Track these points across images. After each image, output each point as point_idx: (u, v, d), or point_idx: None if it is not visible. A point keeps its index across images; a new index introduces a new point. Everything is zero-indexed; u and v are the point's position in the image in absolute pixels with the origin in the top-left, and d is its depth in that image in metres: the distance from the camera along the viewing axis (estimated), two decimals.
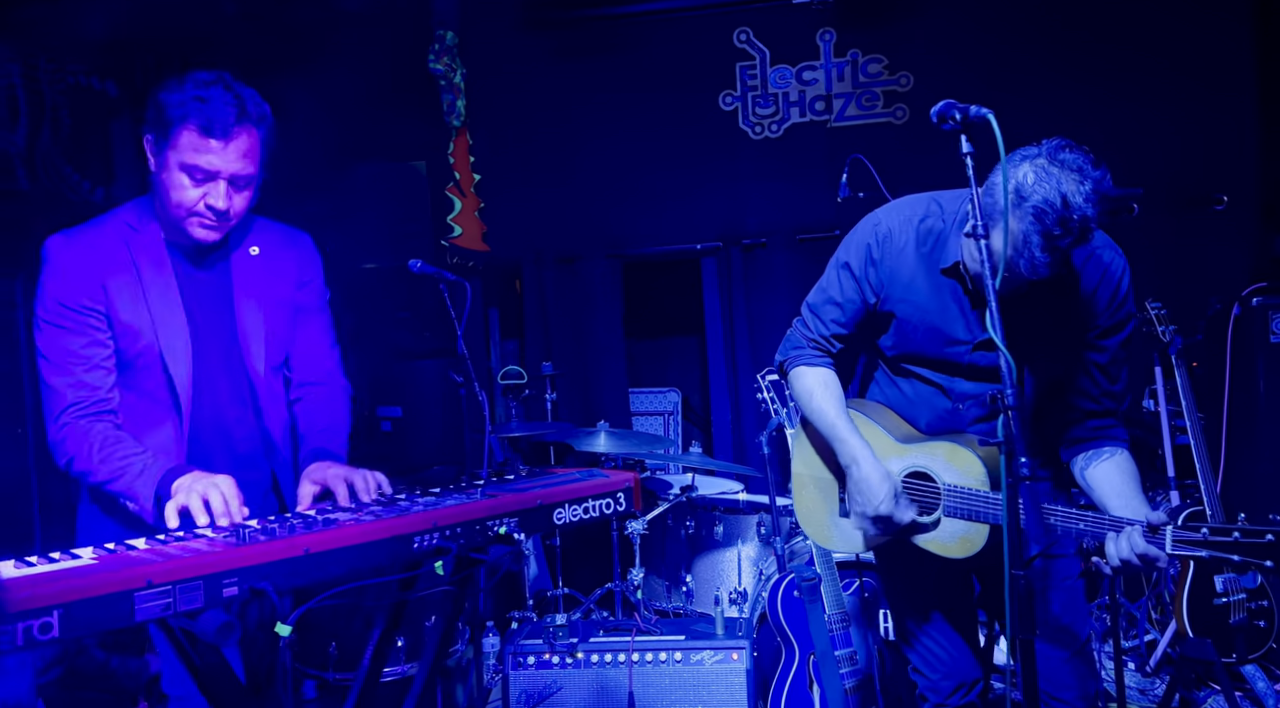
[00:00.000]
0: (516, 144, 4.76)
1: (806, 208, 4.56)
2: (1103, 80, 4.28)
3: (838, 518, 2.10)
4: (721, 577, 3.56)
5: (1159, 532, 1.71)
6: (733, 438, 4.75)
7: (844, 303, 2.07)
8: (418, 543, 1.67)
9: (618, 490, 2.03)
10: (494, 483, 2.02)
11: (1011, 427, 1.54)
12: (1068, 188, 1.68)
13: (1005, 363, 1.58)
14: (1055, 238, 1.69)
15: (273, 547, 1.49)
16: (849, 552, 2.11)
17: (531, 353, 4.80)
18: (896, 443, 2.02)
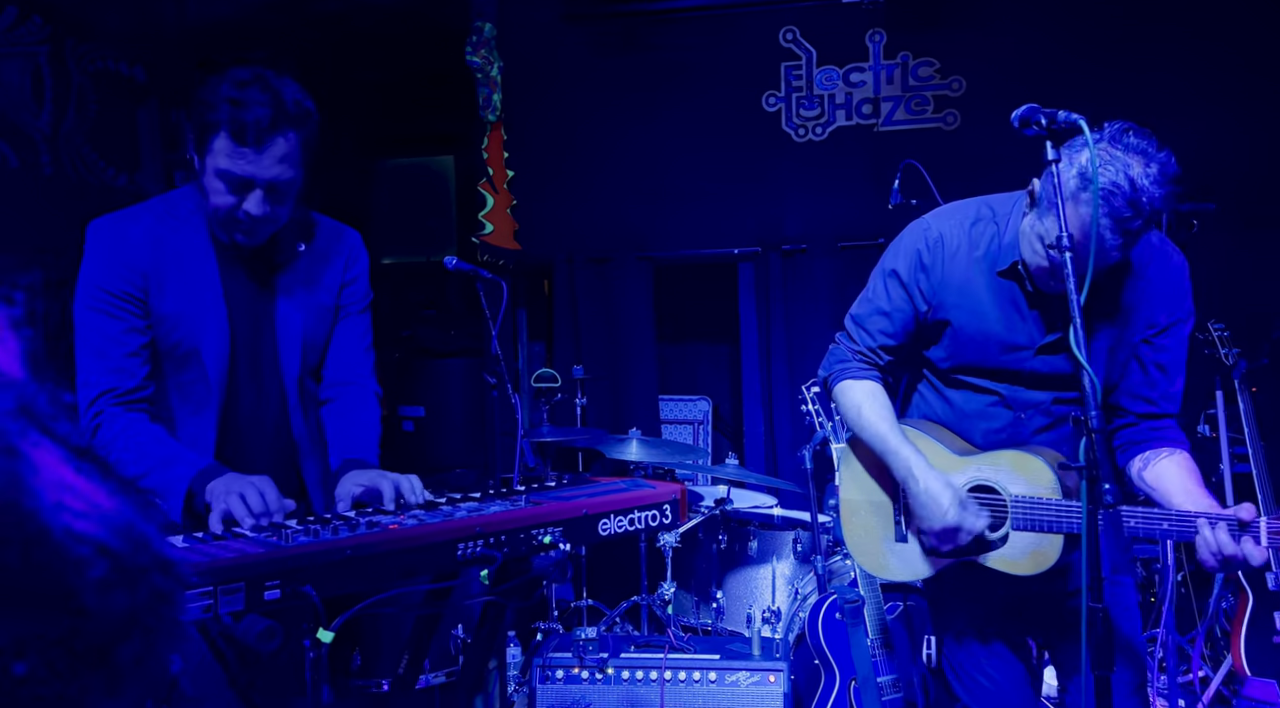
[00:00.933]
0: (551, 141, 4.75)
1: (849, 214, 4.52)
2: (1166, 87, 4.20)
3: (893, 544, 2.04)
4: (754, 594, 3.52)
5: (1249, 526, 1.64)
6: (765, 450, 4.70)
7: (892, 312, 2.03)
8: (461, 550, 1.64)
9: (664, 502, 2.00)
10: (537, 490, 1.99)
11: (1095, 451, 1.50)
12: (1134, 170, 1.67)
13: (1089, 381, 1.54)
14: (1125, 220, 1.67)
15: (315, 548, 1.47)
16: (909, 579, 2.04)
17: (560, 356, 4.78)
18: (955, 456, 1.96)
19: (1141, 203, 1.67)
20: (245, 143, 1.76)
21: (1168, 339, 1.90)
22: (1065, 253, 1.61)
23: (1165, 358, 1.91)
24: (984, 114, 4.38)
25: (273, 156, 1.79)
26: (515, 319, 5.13)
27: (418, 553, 1.59)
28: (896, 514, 2.03)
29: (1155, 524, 1.72)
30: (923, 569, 1.99)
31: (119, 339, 1.83)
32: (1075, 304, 1.58)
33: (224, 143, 1.77)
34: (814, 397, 2.99)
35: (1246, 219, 4.13)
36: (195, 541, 1.51)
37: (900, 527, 2.02)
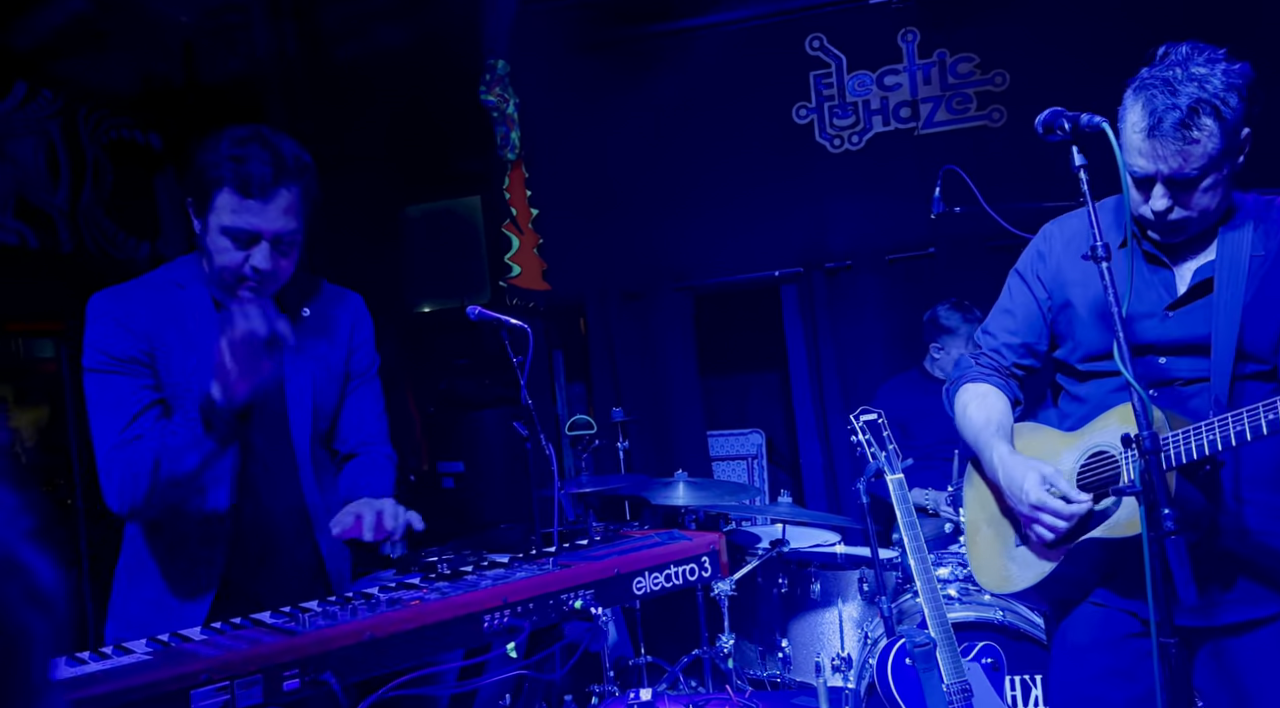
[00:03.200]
0: (575, 174, 4.83)
1: (895, 225, 4.49)
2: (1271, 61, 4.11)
3: (1013, 550, 2.01)
4: (821, 641, 3.47)
5: None
6: (825, 483, 4.66)
7: (1014, 308, 2.06)
8: (488, 622, 1.66)
9: (701, 555, 2.00)
10: (567, 551, 2.01)
11: (1151, 473, 1.47)
12: (1172, 71, 1.72)
13: (1139, 400, 1.51)
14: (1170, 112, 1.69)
15: (334, 633, 1.50)
16: (1032, 582, 1.98)
17: (600, 397, 4.81)
18: (1066, 435, 1.96)
19: (1175, 83, 1.70)
20: (250, 195, 1.85)
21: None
22: (1101, 262, 1.59)
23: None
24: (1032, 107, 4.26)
25: (277, 209, 1.88)
26: (551, 362, 5.19)
27: (442, 628, 1.61)
28: (1013, 524, 2.02)
29: (1257, 418, 1.60)
30: (1046, 565, 1.93)
31: (129, 396, 1.89)
32: (1118, 317, 1.55)
33: (228, 198, 1.86)
34: (864, 425, 2.96)
35: None
36: (212, 632, 1.55)
37: (1018, 531, 2.00)
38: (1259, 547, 1.83)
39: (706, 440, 4.84)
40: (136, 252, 4.83)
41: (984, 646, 2.85)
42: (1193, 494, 1.76)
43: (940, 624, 2.76)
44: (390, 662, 1.55)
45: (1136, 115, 1.75)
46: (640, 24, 4.69)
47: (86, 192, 4.58)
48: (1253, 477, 1.83)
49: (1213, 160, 1.72)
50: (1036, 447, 1.98)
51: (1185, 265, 1.87)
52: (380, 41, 4.87)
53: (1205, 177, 1.73)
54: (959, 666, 2.72)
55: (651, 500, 3.65)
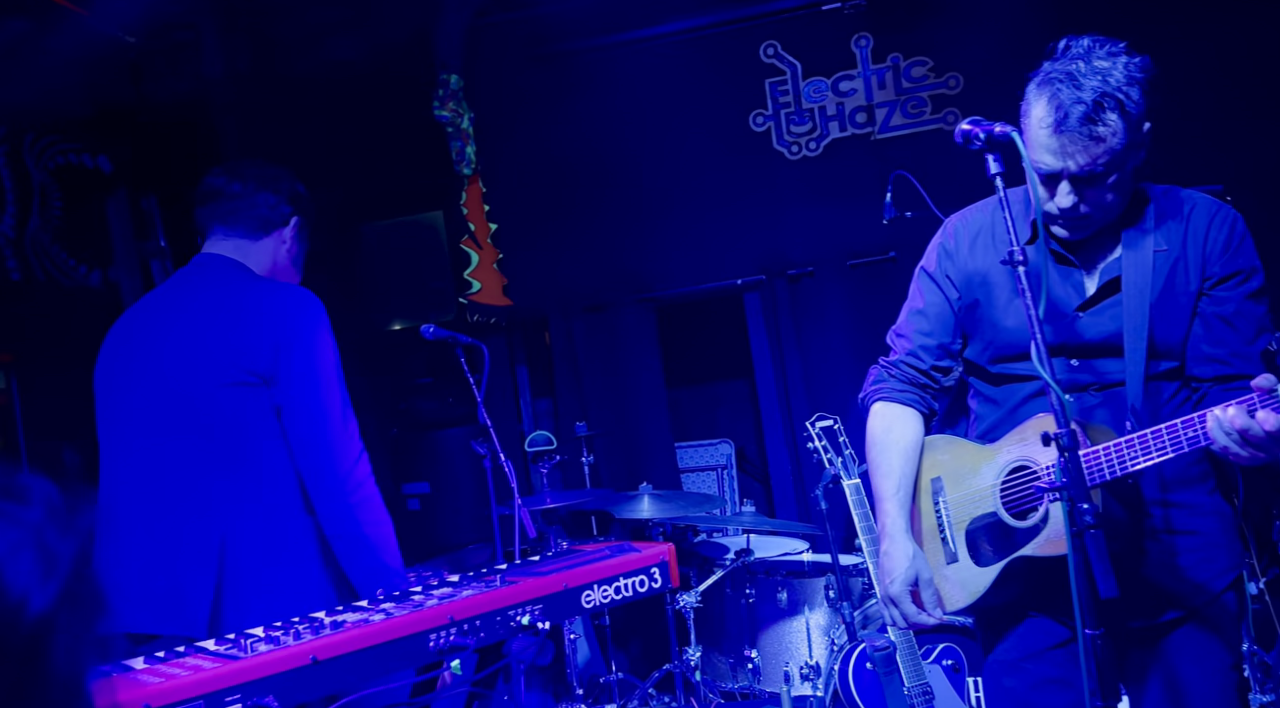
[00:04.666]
0: (533, 188, 4.89)
1: (855, 230, 4.58)
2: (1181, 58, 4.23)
3: (945, 568, 2.02)
4: (790, 650, 3.54)
5: (1271, 395, 1.58)
6: (795, 491, 4.73)
7: (926, 309, 2.08)
8: (434, 641, 1.72)
9: (651, 566, 2.06)
10: (516, 567, 2.07)
11: (1072, 470, 1.55)
12: (1075, 65, 1.75)
13: (1057, 399, 1.59)
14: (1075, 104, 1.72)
15: (277, 657, 1.56)
16: (969, 603, 2.00)
17: (566, 412, 4.87)
18: (984, 446, 1.97)
19: (1079, 77, 1.73)
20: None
21: (1229, 292, 1.86)
22: (1019, 267, 1.67)
23: (1230, 310, 1.86)
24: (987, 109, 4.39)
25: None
26: (516, 378, 5.24)
27: (387, 649, 1.67)
28: (942, 531, 2.01)
29: (1177, 435, 1.66)
30: (980, 584, 1.94)
31: None
32: (1035, 320, 1.63)
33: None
34: (820, 432, 3.04)
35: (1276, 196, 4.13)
36: (154, 659, 1.60)
37: (950, 545, 2.00)
38: (1184, 545, 1.90)
39: (674, 452, 4.91)
40: (87, 279, 4.84)
41: (944, 647, 2.93)
42: (1116, 508, 1.81)
43: (901, 628, 2.84)
44: (335, 684, 1.61)
45: (1042, 110, 1.78)
46: (593, 35, 4.77)
47: (34, 218, 4.59)
48: (1175, 479, 1.90)
49: (1117, 156, 1.75)
50: (954, 461, 2.02)
51: (1092, 264, 1.92)
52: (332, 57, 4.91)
53: (1110, 173, 1.77)
54: (920, 668, 2.80)
55: (616, 515, 3.71)
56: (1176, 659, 1.91)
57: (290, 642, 1.60)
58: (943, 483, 2.04)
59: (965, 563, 1.97)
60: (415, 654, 1.70)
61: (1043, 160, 1.80)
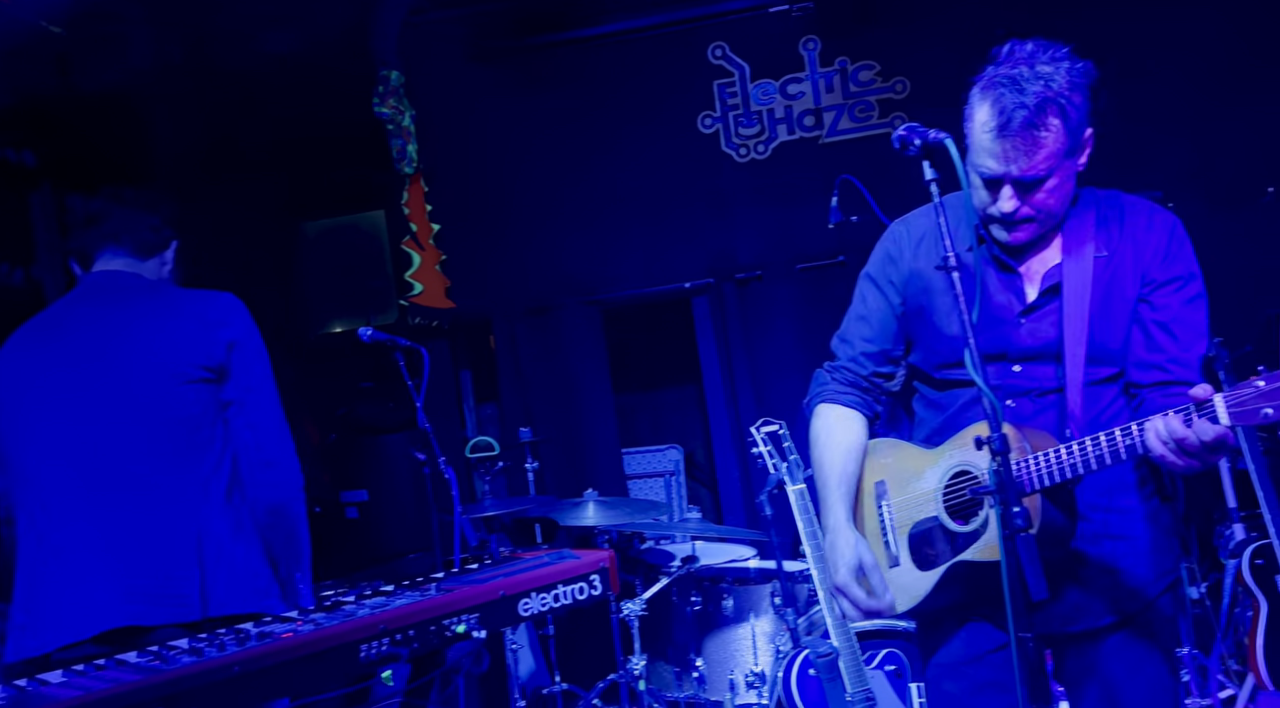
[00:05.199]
0: (477, 188, 4.88)
1: (803, 234, 4.64)
2: (1122, 63, 4.36)
3: (886, 570, 2.05)
4: (735, 658, 3.57)
5: (1207, 405, 1.61)
6: (743, 497, 4.78)
7: (868, 314, 2.11)
8: (364, 652, 1.71)
9: (590, 573, 2.07)
10: (453, 575, 2.07)
11: (1004, 473, 1.59)
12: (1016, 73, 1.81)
13: (990, 405, 1.63)
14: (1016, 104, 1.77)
15: (199, 669, 1.54)
16: (908, 607, 2.03)
17: (510, 417, 4.87)
18: (926, 450, 2.01)
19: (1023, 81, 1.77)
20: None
21: (1168, 298, 1.89)
22: (953, 272, 1.71)
23: (1168, 317, 1.89)
24: (933, 114, 4.48)
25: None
26: (459, 382, 5.22)
27: (315, 660, 1.66)
28: (885, 535, 2.05)
29: (1115, 443, 1.70)
30: (922, 588, 1.98)
31: None
32: (968, 326, 1.67)
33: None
34: (766, 437, 3.07)
35: (1221, 194, 4.27)
36: (72, 674, 1.58)
37: (891, 549, 2.03)
38: (1121, 551, 1.95)
39: (621, 458, 4.92)
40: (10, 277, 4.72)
41: (887, 653, 2.98)
42: (1055, 513, 1.85)
43: (843, 634, 2.88)
44: (261, 696, 1.60)
45: (985, 115, 1.82)
46: (538, 33, 4.78)
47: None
48: (1113, 485, 1.94)
49: (1059, 160, 1.80)
50: (897, 465, 2.05)
51: (1033, 270, 1.96)
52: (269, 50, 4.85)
53: (1052, 177, 1.82)
54: (862, 674, 2.85)
55: (561, 522, 3.71)
56: (1113, 664, 1.96)
57: (214, 653, 1.59)
58: (886, 487, 2.07)
59: (907, 567, 2.01)
60: (345, 665, 1.70)
61: (985, 164, 1.85)
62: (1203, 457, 1.64)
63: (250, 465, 2.29)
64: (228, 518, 2.22)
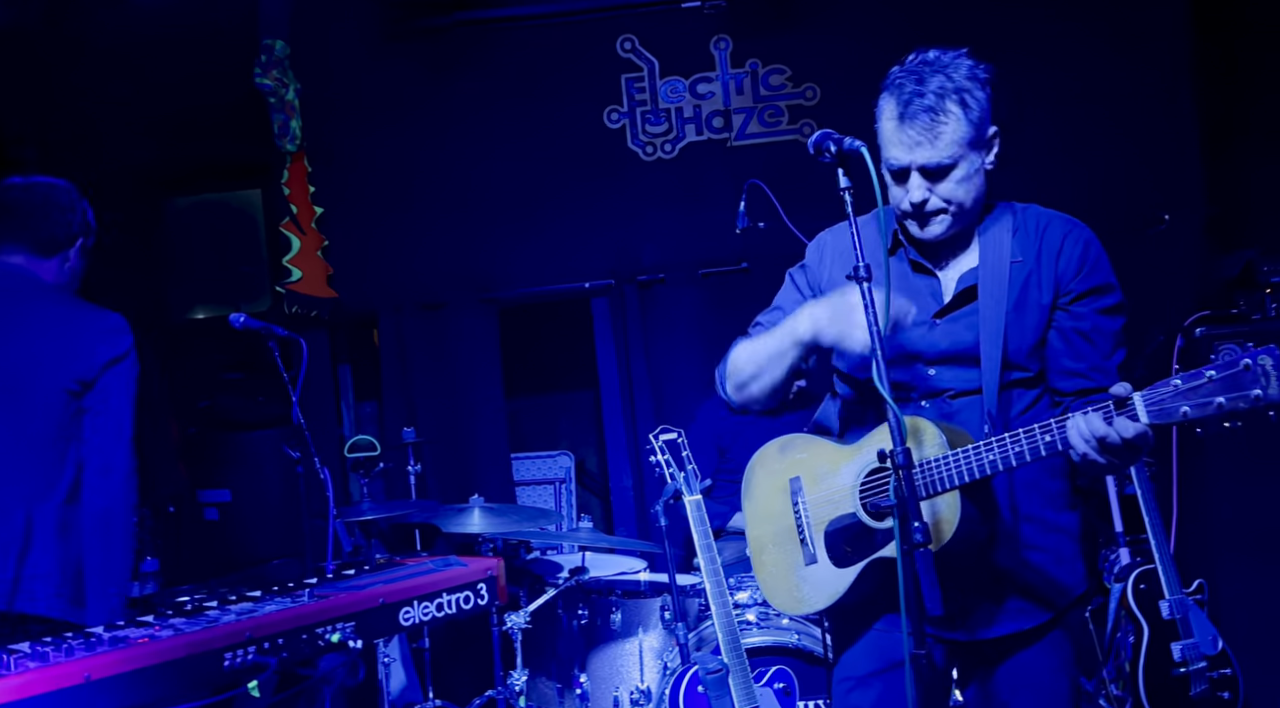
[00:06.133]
0: (366, 171, 4.79)
1: (709, 238, 4.70)
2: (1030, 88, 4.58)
3: (804, 570, 2.11)
4: (621, 674, 3.59)
5: (1127, 404, 1.70)
6: (635, 507, 4.81)
7: (785, 306, 2.21)
8: (229, 660, 1.67)
9: (477, 582, 2.07)
10: (328, 581, 2.03)
11: (905, 488, 1.65)
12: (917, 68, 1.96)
13: (894, 416, 1.69)
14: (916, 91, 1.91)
15: (45, 675, 1.47)
16: (825, 605, 2.09)
17: (392, 417, 4.79)
18: (842, 447, 2.09)
19: (923, 73, 1.93)
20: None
21: (1086, 307, 2.00)
22: (863, 283, 1.77)
23: (1087, 326, 1.99)
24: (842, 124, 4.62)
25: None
26: (338, 377, 5.11)
27: (174, 668, 1.61)
28: (801, 532, 2.11)
29: (1035, 440, 1.78)
30: (840, 586, 2.04)
31: None
32: (875, 338, 1.74)
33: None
34: (663, 445, 3.11)
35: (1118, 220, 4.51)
36: None
37: (809, 547, 2.09)
38: (1031, 562, 2.05)
39: (510, 463, 4.90)
40: None
41: (777, 670, 3.05)
42: (972, 511, 1.94)
43: (734, 650, 2.94)
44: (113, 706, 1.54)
45: (889, 107, 1.98)
46: (441, 12, 4.73)
47: None
48: (1028, 493, 2.05)
49: (962, 148, 1.94)
50: (813, 461, 2.12)
51: (949, 272, 2.08)
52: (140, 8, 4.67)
53: (958, 166, 1.95)
54: (751, 691, 2.90)
55: (444, 528, 3.67)
56: (1018, 674, 2.06)
57: (61, 659, 1.53)
58: (801, 483, 2.14)
59: (824, 564, 2.07)
60: (207, 674, 1.65)
61: (893, 155, 1.97)
62: (1123, 455, 1.74)
63: (90, 470, 2.47)
64: (60, 520, 2.41)
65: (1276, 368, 1.61)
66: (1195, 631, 3.35)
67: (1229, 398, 1.62)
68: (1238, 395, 1.62)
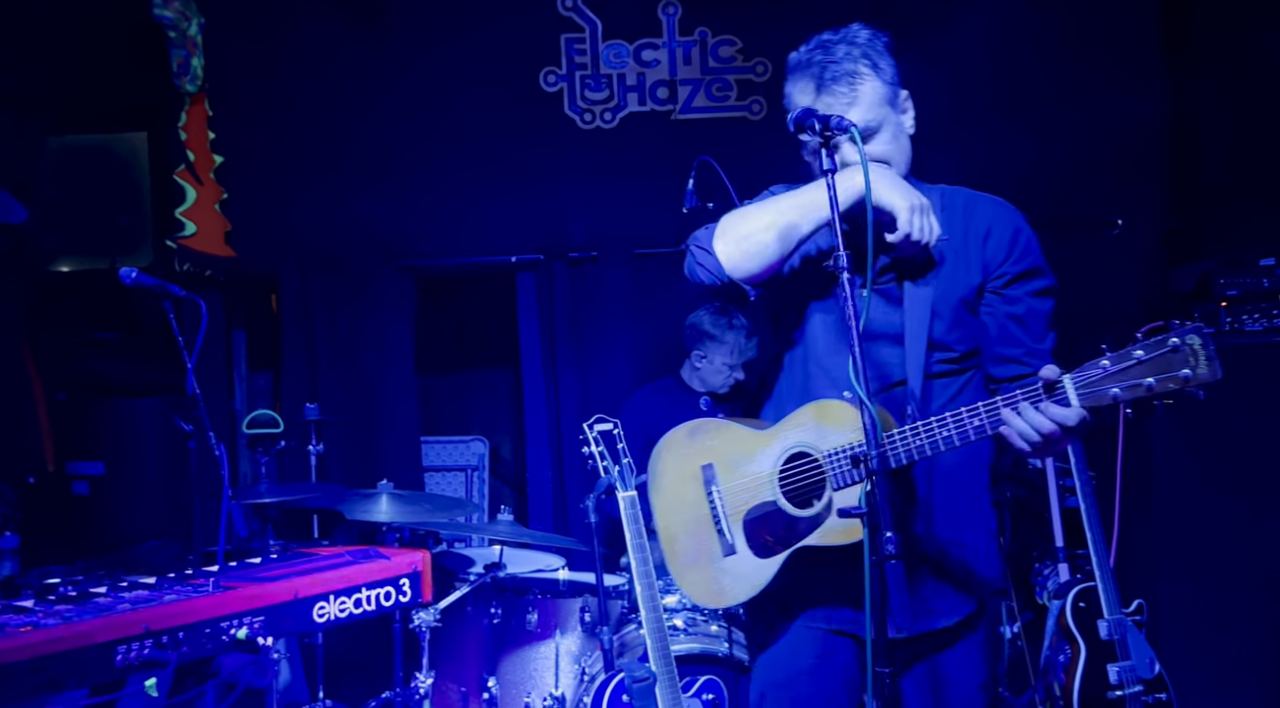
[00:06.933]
0: (274, 120, 4.63)
1: (647, 216, 4.66)
2: (986, 81, 4.64)
3: (723, 561, 2.10)
4: (534, 679, 3.54)
5: (1057, 388, 1.76)
6: (554, 501, 4.75)
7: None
8: (122, 654, 1.56)
9: (401, 577, 1.99)
10: (232, 570, 1.92)
11: (876, 494, 1.63)
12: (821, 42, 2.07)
13: (869, 418, 1.67)
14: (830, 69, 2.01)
15: None
16: (748, 597, 2.09)
17: (290, 391, 4.64)
18: (757, 432, 2.09)
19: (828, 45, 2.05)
20: None
21: (1019, 290, 2.06)
22: (844, 272, 1.75)
23: (1021, 310, 2.06)
24: None
25: None
26: (231, 344, 4.94)
27: (59, 661, 1.49)
28: (717, 522, 2.10)
29: (963, 424, 1.82)
30: (763, 577, 2.05)
31: None
32: (854, 331, 1.72)
33: None
34: (598, 435, 3.04)
35: (1071, 222, 4.61)
36: None
37: (726, 537, 2.08)
38: (954, 557, 2.08)
39: (420, 448, 4.80)
40: None
41: (706, 680, 3.03)
42: (897, 502, 1.95)
43: (663, 657, 2.90)
44: None
45: (802, 84, 2.05)
46: None
47: None
48: (946, 483, 2.07)
49: (884, 108, 2.02)
50: (726, 448, 2.11)
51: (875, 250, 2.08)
52: None
53: (883, 127, 2.02)
54: (679, 702, 2.87)
55: (348, 515, 3.56)
56: (932, 673, 2.09)
57: None
58: (715, 471, 2.12)
59: (745, 555, 2.08)
60: (96, 670, 1.54)
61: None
62: (1054, 438, 1.79)
63: None
64: None
65: (1205, 348, 1.67)
66: (1133, 653, 3.43)
67: (1158, 379, 1.68)
68: (1167, 376, 1.68)
